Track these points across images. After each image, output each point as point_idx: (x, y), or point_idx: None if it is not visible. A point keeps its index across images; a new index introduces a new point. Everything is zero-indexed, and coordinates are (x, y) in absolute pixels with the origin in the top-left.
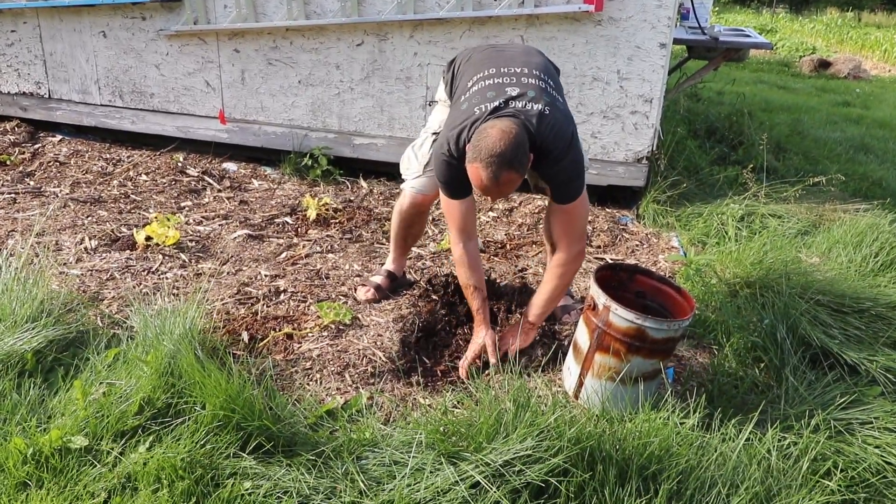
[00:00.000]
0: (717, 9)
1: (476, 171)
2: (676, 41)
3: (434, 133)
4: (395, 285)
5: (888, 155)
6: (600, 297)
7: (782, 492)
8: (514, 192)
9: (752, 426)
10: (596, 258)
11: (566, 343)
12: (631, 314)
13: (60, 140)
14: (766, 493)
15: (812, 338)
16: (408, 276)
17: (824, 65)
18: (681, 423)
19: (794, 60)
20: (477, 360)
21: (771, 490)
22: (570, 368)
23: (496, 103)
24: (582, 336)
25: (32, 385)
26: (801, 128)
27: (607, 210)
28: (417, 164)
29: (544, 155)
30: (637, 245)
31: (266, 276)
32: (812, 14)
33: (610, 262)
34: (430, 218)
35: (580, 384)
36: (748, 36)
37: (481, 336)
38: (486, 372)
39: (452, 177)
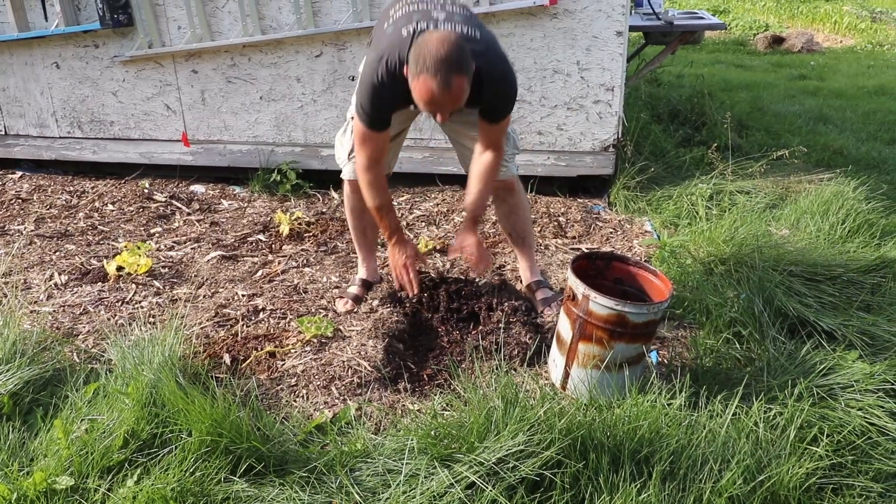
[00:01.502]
0: None
1: (425, 84)
2: (633, 28)
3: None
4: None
5: (846, 124)
6: (579, 287)
7: (772, 462)
8: (463, 102)
9: (738, 400)
10: (572, 248)
11: (549, 336)
12: (610, 301)
13: (21, 176)
14: (757, 464)
15: (788, 308)
16: (383, 280)
17: (778, 41)
18: (668, 405)
19: (749, 39)
20: (412, 270)
21: (761, 461)
22: (556, 360)
23: (424, 25)
24: (564, 327)
25: (11, 429)
26: (760, 104)
27: (579, 200)
28: (344, 152)
29: (487, 76)
30: (611, 232)
31: (243, 296)
32: None
33: (585, 251)
34: (405, 223)
35: (566, 375)
36: (702, 18)
37: (406, 248)
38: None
39: (376, 105)
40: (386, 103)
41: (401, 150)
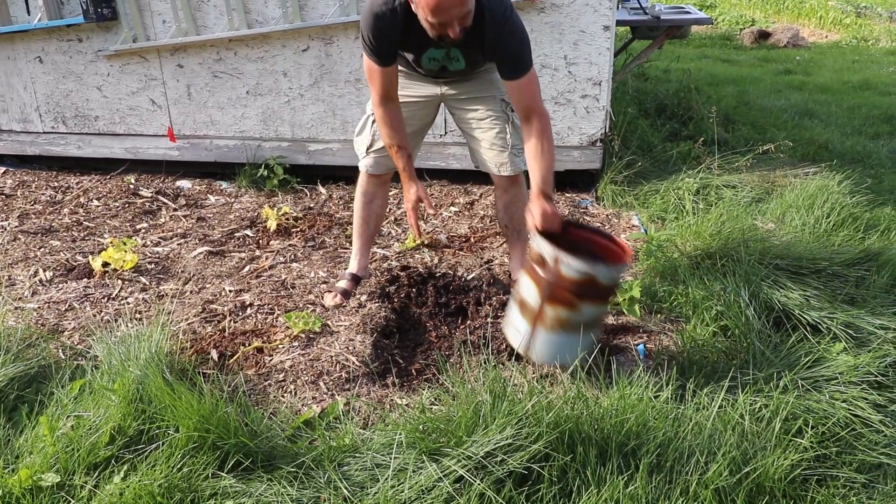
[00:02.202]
0: None
1: None
2: (620, 23)
3: (373, 112)
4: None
5: (832, 118)
6: (548, 251)
7: (758, 454)
8: (471, 13)
9: (724, 393)
10: None
11: None
12: (583, 264)
13: (4, 172)
14: (743, 456)
15: (774, 301)
16: (372, 276)
17: (764, 35)
18: (655, 398)
19: (735, 33)
20: (418, 213)
21: (747, 453)
22: (518, 326)
23: None
24: (529, 292)
25: None
26: (747, 98)
27: (567, 195)
28: (363, 147)
29: (489, 14)
30: (599, 226)
31: (230, 291)
32: None
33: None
34: (393, 218)
35: (531, 339)
36: (689, 13)
37: (413, 190)
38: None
39: (384, 40)
40: (387, 36)
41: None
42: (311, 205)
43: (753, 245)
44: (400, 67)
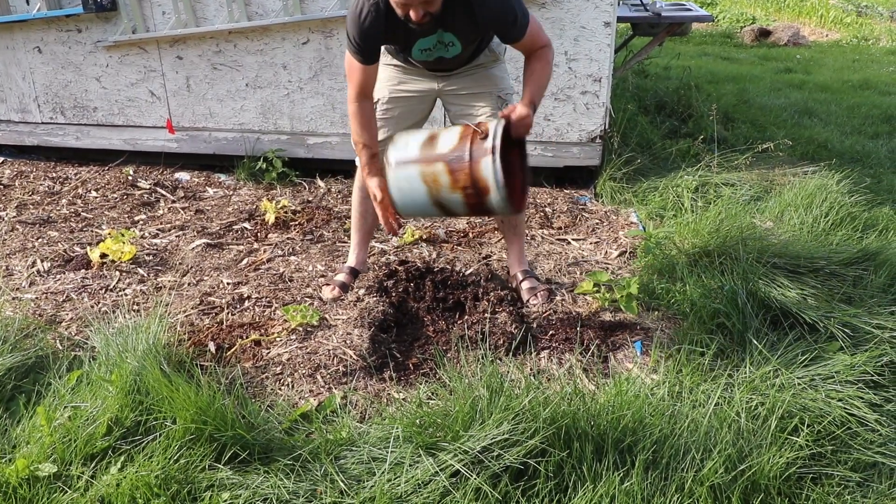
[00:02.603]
0: None
1: None
2: (620, 19)
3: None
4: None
5: (831, 117)
6: (495, 140)
7: (753, 452)
8: (439, 5)
9: (721, 391)
10: (558, 239)
11: (534, 326)
12: (500, 175)
13: (2, 162)
14: (739, 454)
15: (771, 300)
16: (371, 269)
17: (765, 34)
18: (651, 394)
19: (736, 31)
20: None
21: (742, 451)
22: (409, 143)
23: None
24: (447, 138)
25: None
26: (746, 97)
27: (565, 191)
28: None
29: None
30: (597, 223)
31: (228, 283)
32: None
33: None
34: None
35: (406, 163)
36: (689, 10)
37: (374, 184)
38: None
39: (366, 36)
40: (372, 33)
41: None
42: (310, 198)
43: (752, 243)
44: (397, 63)
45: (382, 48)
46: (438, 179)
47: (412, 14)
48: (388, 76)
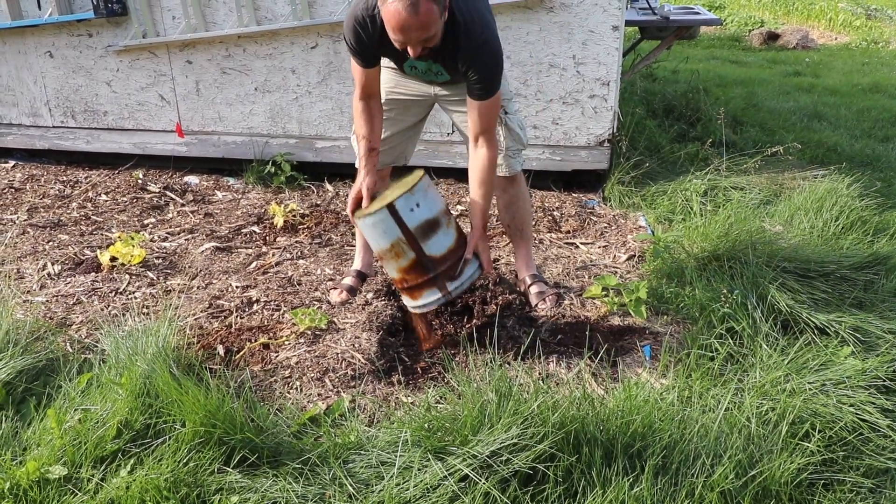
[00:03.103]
0: None
1: (393, 8)
2: (628, 23)
3: None
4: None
5: (840, 121)
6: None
7: (764, 457)
8: (435, 39)
9: (731, 396)
10: (566, 243)
11: (543, 330)
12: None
13: (14, 166)
14: (749, 459)
15: (781, 304)
16: (378, 273)
17: (773, 37)
18: (661, 399)
19: (744, 34)
20: (358, 202)
21: (753, 456)
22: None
23: None
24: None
25: (4, 418)
26: (755, 100)
27: (574, 195)
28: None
29: (465, 36)
30: (605, 227)
31: (237, 287)
32: None
33: None
34: None
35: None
36: (698, 13)
37: (359, 180)
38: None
39: (363, 45)
40: (366, 42)
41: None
42: (318, 202)
43: (761, 247)
44: (394, 66)
45: None
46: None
47: (410, 51)
48: (386, 78)
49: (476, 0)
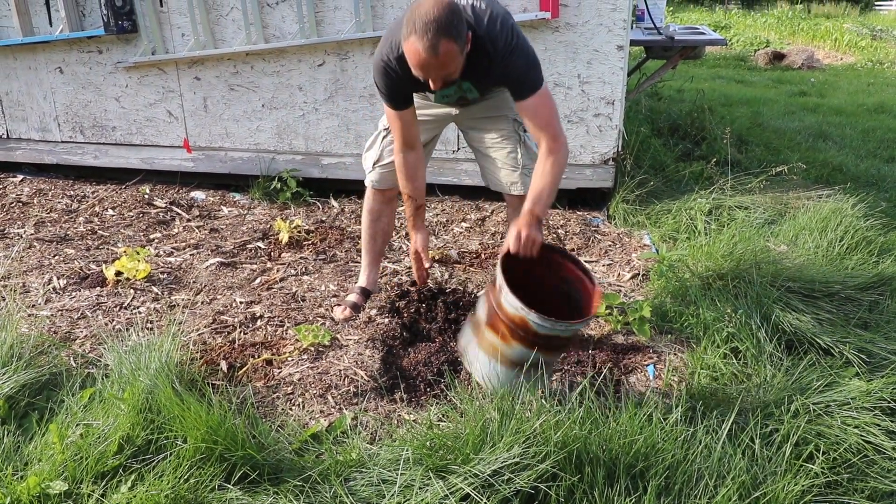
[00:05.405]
0: (671, 8)
1: (413, 46)
2: (634, 42)
3: (385, 128)
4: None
5: (846, 140)
6: (498, 277)
7: (768, 479)
8: (456, 73)
9: (735, 416)
10: None
11: None
12: (517, 302)
13: (22, 180)
14: (753, 481)
15: (786, 324)
16: (382, 290)
17: (778, 57)
18: (664, 419)
19: (750, 54)
20: (422, 263)
21: (757, 478)
22: (465, 332)
23: None
24: (481, 309)
25: (6, 432)
26: (760, 120)
27: (578, 213)
28: (370, 161)
29: (492, 47)
30: (610, 245)
31: (241, 303)
32: (763, 9)
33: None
34: (405, 233)
35: (469, 350)
36: (703, 33)
37: (417, 238)
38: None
39: (393, 87)
40: (395, 83)
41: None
42: (323, 218)
43: (766, 267)
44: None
45: None
46: (491, 342)
47: (431, 84)
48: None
49: (495, 6)
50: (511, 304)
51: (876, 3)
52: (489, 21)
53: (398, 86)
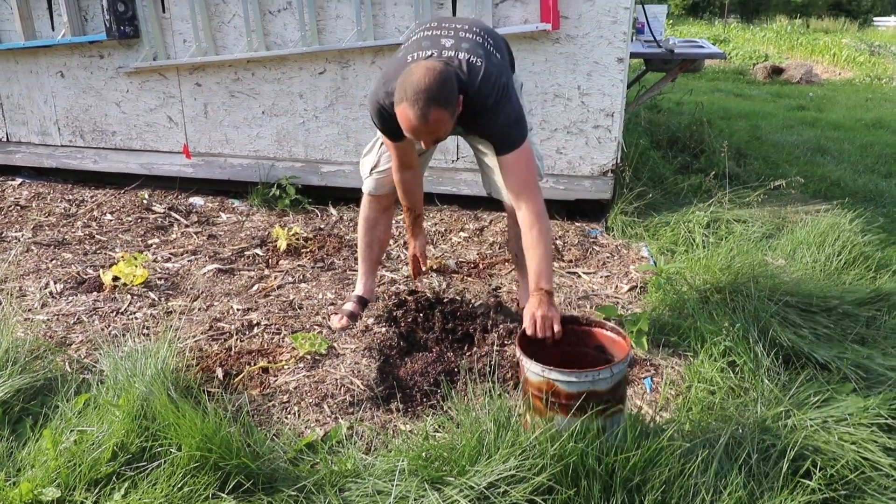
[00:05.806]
0: (671, 21)
1: (404, 113)
2: (633, 55)
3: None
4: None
5: (844, 155)
6: (517, 352)
7: (765, 494)
8: (446, 135)
9: (732, 430)
10: (568, 272)
11: None
12: (537, 366)
13: (21, 183)
14: (749, 496)
15: (783, 339)
16: (379, 299)
17: (777, 71)
18: (661, 432)
19: (749, 68)
20: (417, 264)
21: (753, 493)
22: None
23: (429, 52)
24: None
25: (0, 438)
26: (759, 133)
27: (576, 224)
28: (367, 168)
29: (480, 105)
30: (607, 257)
31: (238, 310)
32: (763, 23)
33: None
34: (402, 241)
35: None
36: (702, 47)
37: (415, 244)
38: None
39: (388, 126)
40: (389, 123)
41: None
42: (322, 226)
43: (763, 281)
44: None
45: None
46: (536, 423)
47: (422, 144)
48: None
49: (490, 60)
50: (533, 371)
51: (874, 19)
52: (482, 80)
53: (393, 124)
